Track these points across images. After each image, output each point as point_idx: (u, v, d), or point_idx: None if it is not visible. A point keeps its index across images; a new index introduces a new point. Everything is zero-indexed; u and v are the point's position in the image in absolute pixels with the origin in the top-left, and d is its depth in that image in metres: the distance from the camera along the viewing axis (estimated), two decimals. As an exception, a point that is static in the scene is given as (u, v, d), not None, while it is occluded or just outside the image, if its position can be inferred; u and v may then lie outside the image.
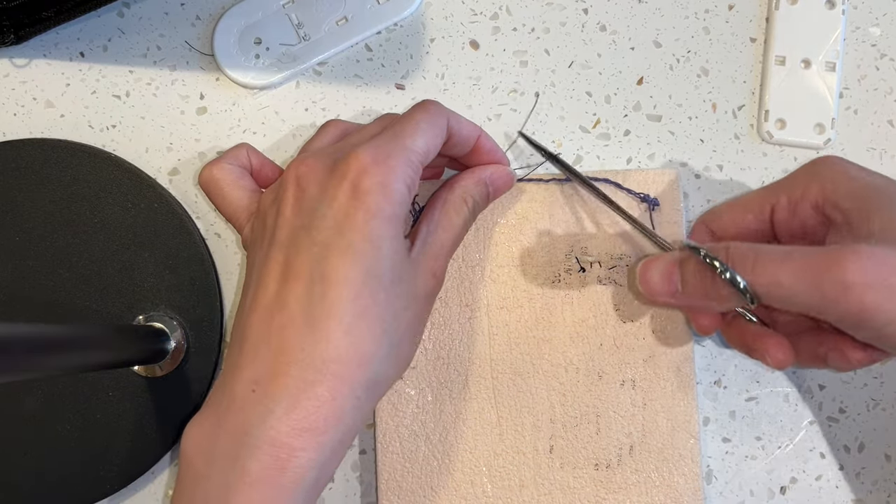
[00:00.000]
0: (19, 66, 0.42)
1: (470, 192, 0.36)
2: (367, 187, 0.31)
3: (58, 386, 0.39)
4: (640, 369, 0.39)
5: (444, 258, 0.35)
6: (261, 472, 0.29)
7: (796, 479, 0.40)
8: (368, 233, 0.31)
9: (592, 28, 0.42)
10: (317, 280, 0.31)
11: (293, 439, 0.30)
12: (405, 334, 0.33)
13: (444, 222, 0.35)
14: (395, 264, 0.32)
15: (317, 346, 0.30)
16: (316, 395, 0.30)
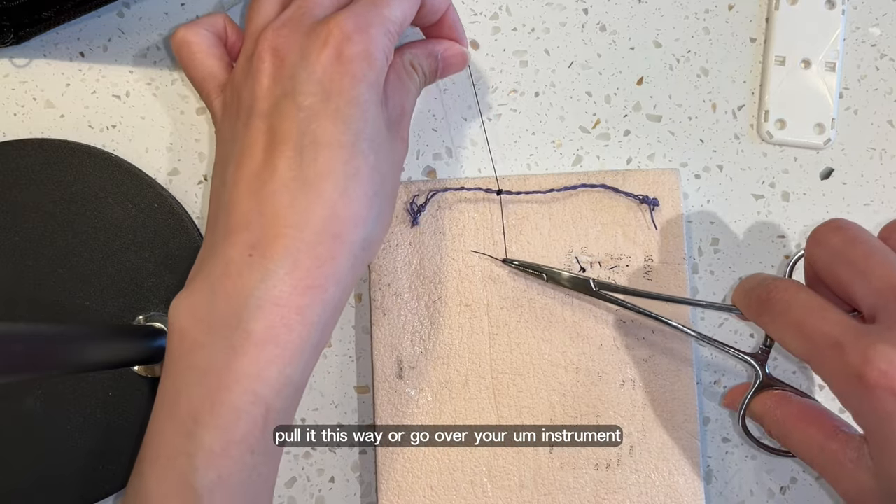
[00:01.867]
0: (19, 66, 0.42)
1: (419, 61, 0.37)
2: (351, 54, 0.31)
3: (58, 386, 0.39)
4: (640, 369, 0.39)
5: (407, 124, 0.36)
6: (266, 331, 0.30)
7: (796, 479, 0.40)
8: (356, 97, 0.31)
9: (592, 28, 0.42)
10: (307, 144, 0.31)
11: (298, 298, 0.30)
12: (389, 198, 0.34)
13: (400, 87, 0.35)
14: (380, 130, 0.32)
15: (314, 208, 0.31)
16: (317, 255, 0.30)
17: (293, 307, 0.30)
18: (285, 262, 0.30)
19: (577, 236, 0.40)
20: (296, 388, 0.32)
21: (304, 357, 0.31)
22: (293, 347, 0.30)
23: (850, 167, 0.42)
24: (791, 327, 0.31)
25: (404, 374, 0.39)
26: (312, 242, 0.30)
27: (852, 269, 0.30)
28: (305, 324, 0.30)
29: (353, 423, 0.41)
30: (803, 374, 0.41)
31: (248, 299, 0.30)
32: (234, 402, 0.30)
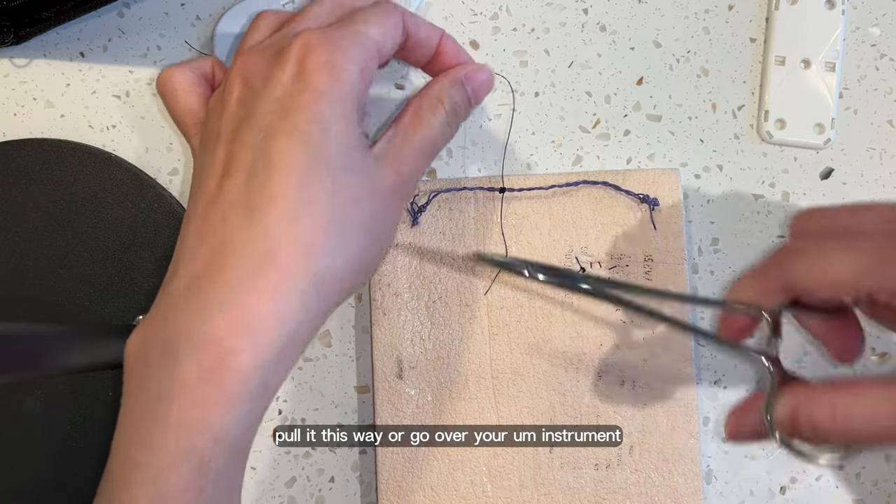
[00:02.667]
0: (19, 66, 0.42)
1: (446, 92, 0.33)
2: (312, 66, 0.29)
3: (58, 386, 0.39)
4: (640, 369, 0.39)
5: (412, 159, 0.32)
6: (199, 374, 0.27)
7: (796, 479, 0.40)
8: (315, 113, 0.28)
9: (592, 28, 0.42)
10: (260, 168, 0.28)
11: (233, 338, 0.27)
12: (358, 230, 0.29)
13: (415, 122, 0.32)
14: (345, 151, 0.29)
15: (258, 237, 0.28)
16: (257, 289, 0.27)
17: (228, 348, 0.27)
18: (223, 296, 0.27)
19: (577, 236, 0.40)
20: (233, 444, 0.27)
21: (241, 407, 0.27)
22: (227, 394, 0.27)
23: (850, 167, 0.42)
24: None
25: (404, 374, 0.39)
26: (254, 275, 0.27)
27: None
28: (240, 368, 0.27)
29: (353, 423, 0.41)
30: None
31: (181, 337, 0.27)
32: (166, 452, 0.27)
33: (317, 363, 0.41)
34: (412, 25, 0.33)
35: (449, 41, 0.35)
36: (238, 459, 0.28)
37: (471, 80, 0.34)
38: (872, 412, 0.25)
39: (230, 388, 0.27)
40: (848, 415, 0.26)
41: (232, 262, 0.28)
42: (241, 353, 0.27)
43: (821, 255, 0.28)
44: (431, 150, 0.33)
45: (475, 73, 0.34)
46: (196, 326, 0.27)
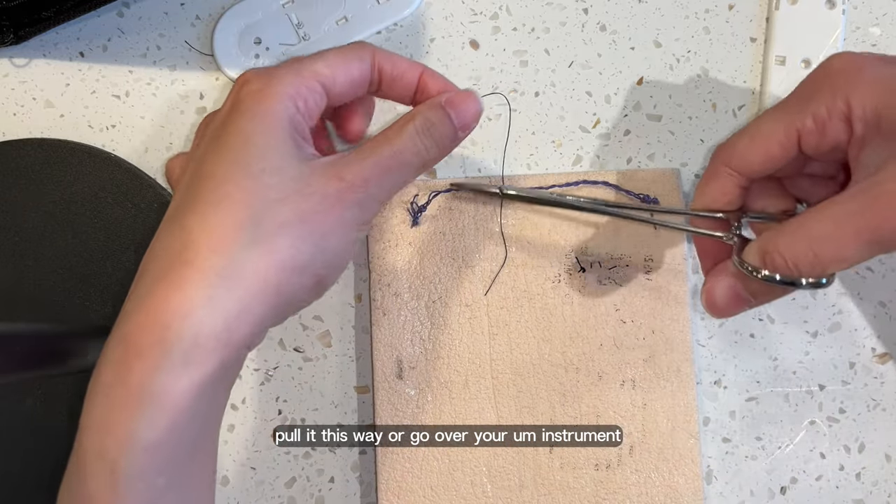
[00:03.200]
0: (19, 66, 0.42)
1: (420, 112, 0.33)
2: (244, 94, 0.31)
3: (58, 386, 0.39)
4: (640, 369, 0.39)
5: (365, 168, 0.31)
6: (112, 373, 0.27)
7: (796, 479, 0.40)
8: (240, 128, 0.30)
9: (592, 28, 0.42)
10: (190, 184, 0.30)
11: (139, 335, 0.27)
12: (283, 227, 0.29)
13: (378, 139, 0.32)
14: (266, 154, 0.30)
15: (172, 237, 0.29)
16: (165, 286, 0.27)
17: (134, 346, 0.27)
18: (137, 295, 0.28)
19: (577, 236, 0.40)
20: (147, 448, 0.27)
21: (149, 410, 0.26)
22: (134, 395, 0.26)
23: (851, 167, 0.42)
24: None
25: (404, 374, 0.39)
26: (163, 273, 0.28)
27: None
28: (145, 368, 0.26)
29: (353, 423, 0.41)
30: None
31: (109, 340, 0.28)
32: (84, 454, 0.27)
33: (317, 363, 0.41)
34: (385, 62, 0.33)
35: (432, 77, 0.34)
36: (159, 465, 0.27)
37: (453, 105, 0.33)
38: (835, 228, 0.29)
39: (134, 389, 0.27)
40: (811, 235, 0.29)
41: (151, 266, 0.29)
42: (145, 349, 0.27)
43: (752, 124, 0.33)
44: (392, 164, 0.32)
45: (458, 98, 0.33)
46: (118, 328, 0.28)
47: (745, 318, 0.41)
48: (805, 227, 0.30)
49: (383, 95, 0.35)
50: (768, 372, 0.41)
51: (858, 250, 0.28)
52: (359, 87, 0.33)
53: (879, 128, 0.29)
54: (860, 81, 0.30)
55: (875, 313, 0.41)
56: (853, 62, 0.31)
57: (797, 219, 0.30)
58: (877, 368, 0.41)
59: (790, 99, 0.33)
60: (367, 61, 0.33)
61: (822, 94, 0.31)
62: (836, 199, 0.29)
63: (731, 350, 0.41)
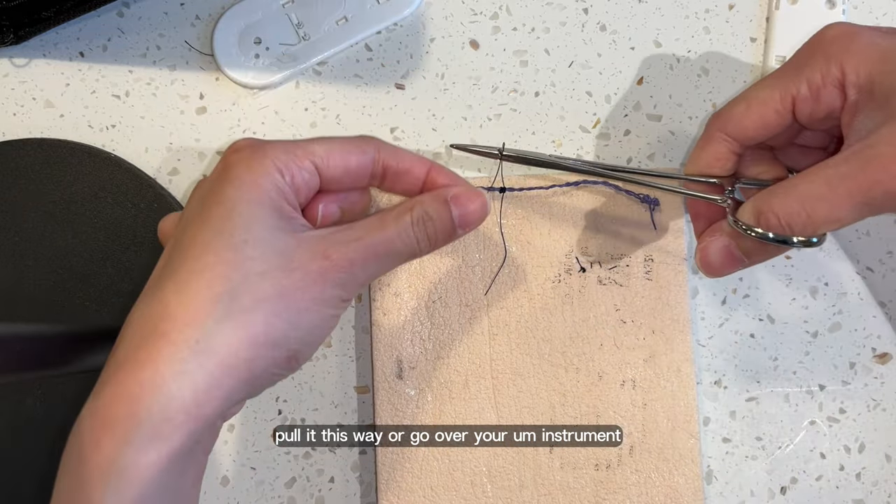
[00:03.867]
0: (19, 66, 0.42)
1: (421, 204, 0.32)
2: (232, 163, 0.30)
3: (58, 386, 0.39)
4: (640, 369, 0.39)
5: (352, 250, 0.30)
6: (80, 448, 0.27)
7: (796, 479, 0.40)
8: (223, 198, 0.30)
9: (592, 28, 0.42)
10: (173, 251, 0.30)
11: (109, 407, 0.27)
12: (260, 304, 0.28)
13: (373, 221, 0.31)
14: (252, 228, 0.29)
15: (152, 308, 0.28)
16: (138, 358, 0.27)
17: (103, 419, 0.27)
18: (110, 368, 0.28)
19: (577, 236, 0.40)
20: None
21: (114, 484, 0.26)
22: (100, 469, 0.27)
23: (851, 167, 0.41)
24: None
25: (404, 374, 0.39)
26: (137, 345, 0.28)
27: None
28: (113, 442, 0.26)
29: (353, 423, 0.41)
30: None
31: (83, 410, 0.28)
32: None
33: (317, 363, 0.41)
34: (390, 158, 0.33)
35: (440, 173, 0.33)
36: None
37: (459, 202, 0.32)
38: (827, 190, 0.30)
39: (101, 464, 0.27)
40: (805, 196, 0.30)
41: (126, 335, 0.28)
42: (114, 422, 0.27)
43: (748, 91, 0.34)
44: (380, 251, 0.31)
45: (465, 197, 0.32)
46: (91, 400, 0.28)
47: (745, 318, 0.41)
48: (798, 188, 0.30)
49: (389, 189, 0.34)
50: (768, 372, 0.41)
51: (850, 211, 0.29)
52: (356, 177, 0.32)
53: (872, 93, 0.30)
54: (854, 49, 0.31)
55: (875, 313, 0.41)
56: (847, 31, 0.32)
57: (791, 179, 0.31)
58: (877, 368, 0.41)
59: (785, 67, 0.33)
60: (368, 154, 0.32)
61: (817, 61, 0.32)
62: (829, 161, 0.30)
63: (731, 350, 0.41)
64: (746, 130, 0.34)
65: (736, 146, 0.35)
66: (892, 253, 0.41)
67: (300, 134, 0.42)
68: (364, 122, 0.42)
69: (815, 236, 0.31)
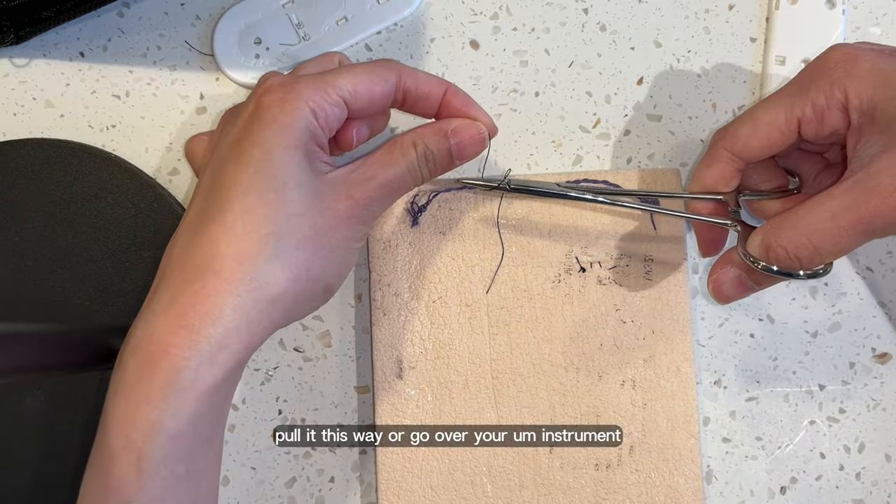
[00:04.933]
0: (19, 66, 0.42)
1: (423, 138, 0.35)
2: (266, 103, 0.32)
3: (58, 386, 0.39)
4: (640, 369, 0.39)
5: (369, 189, 0.33)
6: (137, 370, 0.29)
7: (796, 479, 0.40)
8: (260, 140, 0.31)
9: (592, 28, 0.42)
10: (213, 188, 0.32)
11: (168, 336, 0.29)
12: (301, 243, 0.31)
13: (383, 158, 0.34)
14: (288, 169, 0.31)
15: (199, 247, 0.30)
16: (193, 292, 0.30)
17: (162, 346, 0.29)
18: (164, 300, 0.30)
19: (577, 236, 0.40)
20: (171, 437, 0.29)
21: (173, 402, 0.29)
22: (159, 389, 0.29)
23: (850, 167, 0.42)
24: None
25: (404, 374, 0.39)
26: (190, 280, 0.30)
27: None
28: (171, 365, 0.29)
29: (353, 423, 0.41)
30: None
31: (130, 339, 0.30)
32: (109, 445, 0.29)
33: (317, 363, 0.41)
34: (409, 81, 0.34)
35: (456, 95, 0.36)
36: (180, 453, 0.29)
37: (458, 134, 0.35)
38: (832, 223, 0.31)
39: (159, 384, 0.29)
40: (810, 230, 0.31)
41: (177, 271, 0.31)
42: (173, 348, 0.29)
43: (753, 111, 0.34)
44: (393, 187, 0.34)
45: (464, 128, 0.35)
46: (142, 329, 0.30)
47: (745, 318, 0.41)
48: (805, 220, 0.31)
49: (407, 111, 0.36)
50: (768, 372, 0.41)
51: (854, 240, 0.30)
52: (380, 104, 0.34)
53: (874, 119, 0.31)
54: (856, 73, 0.31)
55: (875, 313, 0.41)
56: (851, 54, 0.32)
57: (796, 212, 0.32)
58: (877, 368, 0.41)
59: (790, 87, 0.34)
60: (391, 82, 0.34)
61: (821, 84, 0.32)
62: (832, 191, 0.31)
63: (731, 350, 0.41)
64: (753, 151, 0.34)
65: (741, 164, 0.35)
66: (892, 253, 0.41)
67: (300, 134, 0.42)
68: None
69: (821, 266, 0.32)
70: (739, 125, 0.35)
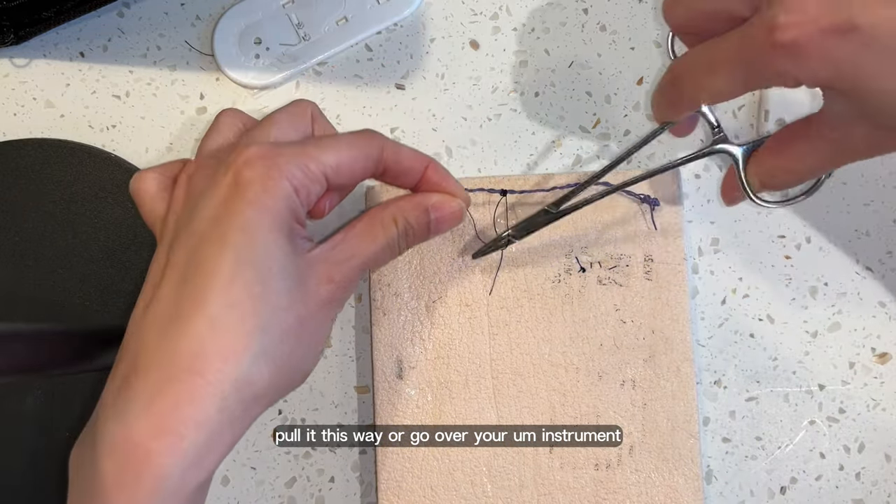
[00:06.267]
0: (19, 66, 0.42)
1: (404, 213, 0.34)
2: (247, 178, 0.30)
3: (58, 386, 0.39)
4: (640, 369, 0.39)
5: (349, 269, 0.33)
6: (117, 475, 0.27)
7: (796, 479, 0.40)
8: (243, 222, 0.29)
9: (592, 28, 0.42)
10: (189, 273, 0.29)
11: (149, 440, 0.27)
12: (286, 336, 0.30)
13: (364, 235, 0.33)
14: (274, 258, 0.30)
15: (180, 341, 0.28)
16: (175, 394, 0.28)
17: (143, 450, 0.27)
18: (142, 399, 0.28)
19: (577, 236, 0.40)
20: None
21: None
22: (144, 497, 0.27)
23: (851, 167, 0.41)
24: (710, 77, 0.30)
25: (404, 374, 0.39)
26: (171, 379, 0.28)
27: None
28: (156, 473, 0.27)
29: (353, 423, 0.41)
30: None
31: (104, 437, 0.28)
32: None
33: (317, 363, 0.41)
34: (392, 156, 0.34)
35: (436, 171, 0.35)
36: None
37: (438, 209, 0.35)
38: (806, 160, 0.32)
39: (143, 492, 0.27)
40: (793, 169, 0.33)
41: (154, 367, 0.28)
42: (156, 455, 0.27)
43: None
44: (372, 264, 0.34)
45: (444, 204, 0.35)
46: (118, 429, 0.28)
47: (745, 318, 0.41)
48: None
49: (385, 182, 0.36)
50: (768, 372, 0.41)
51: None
52: (359, 178, 0.33)
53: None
54: None
55: (875, 313, 0.41)
56: None
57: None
58: (877, 368, 0.41)
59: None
60: (373, 158, 0.33)
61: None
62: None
63: (731, 350, 0.41)
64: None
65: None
66: (892, 253, 0.41)
67: (300, 134, 0.42)
68: (364, 122, 0.42)
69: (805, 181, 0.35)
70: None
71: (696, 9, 0.31)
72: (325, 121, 0.36)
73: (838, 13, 0.25)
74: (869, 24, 0.25)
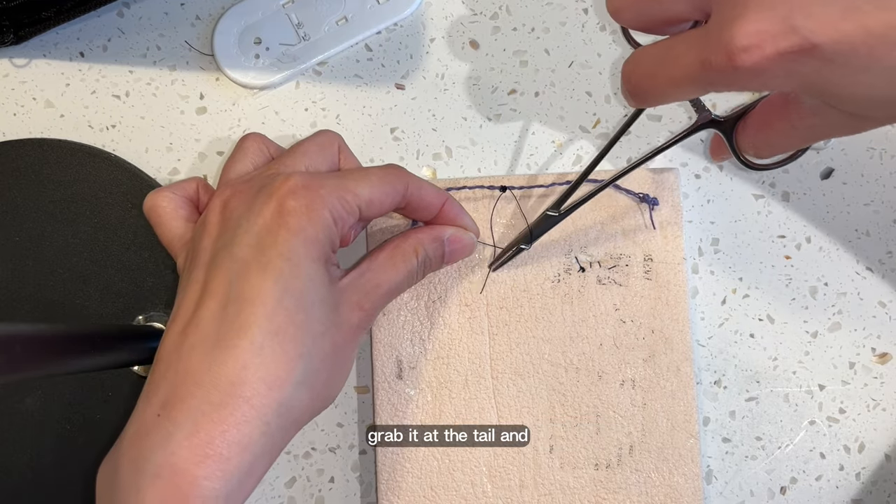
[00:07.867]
0: (19, 66, 0.42)
1: (423, 245, 0.36)
2: (291, 208, 0.31)
3: (58, 386, 0.39)
4: (640, 369, 0.39)
5: (376, 297, 0.34)
6: (160, 502, 0.27)
7: (796, 479, 0.40)
8: (288, 251, 0.30)
9: (592, 28, 0.42)
10: (232, 298, 0.30)
11: (195, 466, 0.28)
12: (324, 362, 0.31)
13: (387, 265, 0.35)
14: (315, 286, 0.31)
15: (225, 367, 0.29)
16: (221, 419, 0.28)
17: (189, 477, 0.27)
18: (186, 425, 0.28)
19: (577, 236, 0.40)
20: None
21: None
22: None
23: (850, 167, 0.42)
24: (673, 89, 0.29)
25: (404, 374, 0.39)
26: (217, 405, 0.28)
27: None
28: (202, 497, 0.27)
29: (353, 423, 0.41)
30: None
31: (146, 464, 0.28)
32: None
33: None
34: (415, 192, 0.35)
35: (452, 206, 0.37)
36: None
37: (454, 242, 0.37)
38: (787, 138, 0.33)
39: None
40: (777, 144, 0.34)
41: (197, 393, 0.29)
42: (203, 480, 0.28)
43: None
44: (395, 293, 0.35)
45: (459, 237, 0.37)
46: (161, 456, 0.28)
47: (745, 318, 0.41)
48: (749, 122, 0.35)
49: (405, 215, 0.38)
50: (768, 372, 0.41)
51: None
52: (386, 211, 0.35)
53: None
54: None
55: (875, 313, 0.41)
56: None
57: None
58: (877, 368, 0.41)
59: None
60: (399, 193, 0.35)
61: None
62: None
63: (731, 350, 0.41)
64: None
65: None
66: (892, 253, 0.41)
67: (300, 134, 0.42)
68: (364, 122, 0.42)
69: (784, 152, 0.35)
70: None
71: (644, 14, 0.30)
72: (349, 153, 0.37)
73: (795, 33, 0.25)
74: (829, 41, 0.25)
